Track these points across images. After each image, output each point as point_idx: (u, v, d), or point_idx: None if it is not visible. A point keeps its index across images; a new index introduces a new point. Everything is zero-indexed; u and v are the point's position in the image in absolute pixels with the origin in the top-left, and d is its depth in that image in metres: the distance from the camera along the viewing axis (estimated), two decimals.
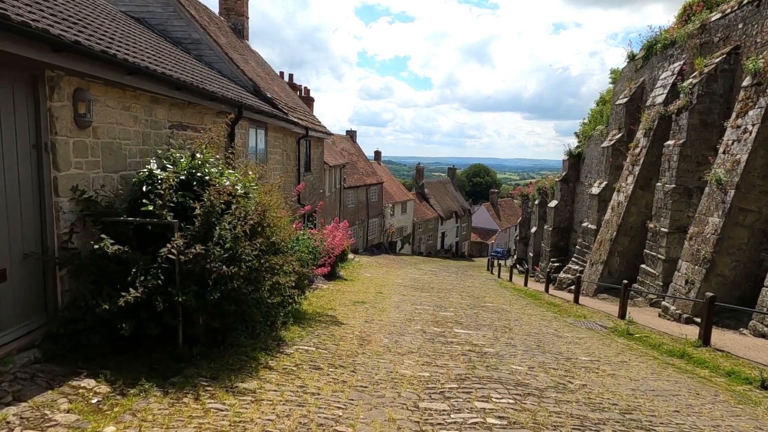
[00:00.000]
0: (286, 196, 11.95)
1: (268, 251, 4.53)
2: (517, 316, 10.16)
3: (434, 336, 6.68)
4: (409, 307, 9.59)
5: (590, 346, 7.22)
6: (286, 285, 5.12)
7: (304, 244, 6.48)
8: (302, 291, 6.47)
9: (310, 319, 6.67)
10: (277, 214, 4.89)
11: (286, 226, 5.73)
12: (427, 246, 45.13)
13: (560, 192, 23.47)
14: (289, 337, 5.30)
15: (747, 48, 10.96)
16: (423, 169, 49.80)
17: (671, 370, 6.12)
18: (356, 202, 32.21)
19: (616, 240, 14.93)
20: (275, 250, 4.84)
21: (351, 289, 12.44)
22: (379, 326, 6.90)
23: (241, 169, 5.35)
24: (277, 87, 13.69)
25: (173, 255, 3.51)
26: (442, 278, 20.02)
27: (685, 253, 10.56)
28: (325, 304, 8.64)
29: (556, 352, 6.49)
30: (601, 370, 5.66)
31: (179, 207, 3.94)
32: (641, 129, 14.91)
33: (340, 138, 35.40)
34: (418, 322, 7.80)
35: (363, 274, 17.43)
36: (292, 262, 5.12)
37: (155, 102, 5.58)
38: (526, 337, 7.38)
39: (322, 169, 17.63)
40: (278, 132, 10.68)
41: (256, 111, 8.35)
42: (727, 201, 9.60)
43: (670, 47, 14.73)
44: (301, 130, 12.21)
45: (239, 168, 5.42)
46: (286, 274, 4.87)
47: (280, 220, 5.38)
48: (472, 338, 6.80)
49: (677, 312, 10.29)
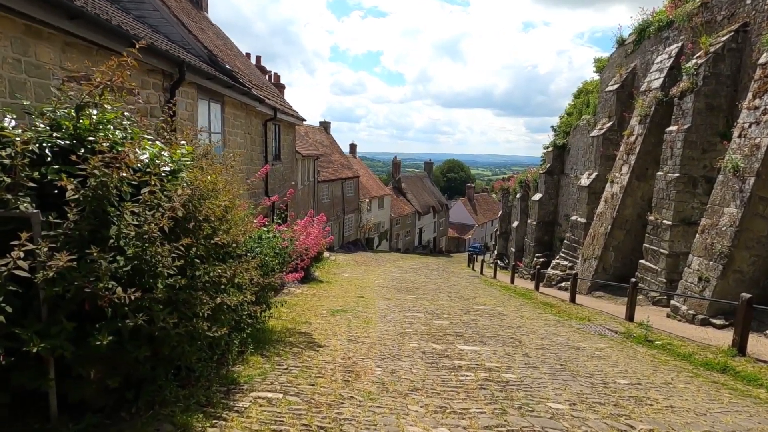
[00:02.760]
0: (250, 187, 10.34)
1: (208, 257, 3.04)
2: (518, 321, 8.97)
3: (436, 357, 5.33)
4: (398, 315, 8.22)
5: (617, 362, 6.06)
6: (244, 303, 3.62)
7: (268, 244, 4.97)
8: (267, 306, 4.97)
9: (277, 341, 5.17)
10: (226, 203, 3.38)
11: (244, 221, 4.22)
12: (404, 242, 43.95)
13: (544, 185, 22.63)
14: (246, 375, 3.79)
15: (758, 24, 10.11)
16: (400, 163, 48.48)
17: (726, 392, 5.02)
18: (331, 197, 30.55)
19: (610, 234, 14.05)
20: (222, 255, 3.34)
21: (328, 293, 10.96)
22: (367, 347, 5.48)
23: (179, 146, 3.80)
24: (241, 64, 11.96)
25: (23, 271, 1.99)
26: (424, 277, 18.78)
27: (697, 247, 9.64)
28: (298, 316, 7.14)
29: (586, 373, 5.27)
30: (653, 400, 4.46)
31: (53, 190, 2.40)
32: (636, 116, 14.05)
33: (313, 129, 33.57)
34: (413, 336, 6.43)
35: (340, 275, 15.95)
36: (250, 271, 3.63)
37: (35, 36, 3.89)
38: (543, 353, 6.15)
39: (293, 159, 15.95)
40: (239, 110, 9.00)
41: (206, 76, 6.67)
42: (746, 190, 8.68)
43: (665, 29, 13.89)
44: (268, 111, 10.57)
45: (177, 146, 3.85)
46: (240, 290, 3.38)
47: (235, 214, 3.88)
48: (482, 358, 5.48)
49: (690, 312, 9.36)
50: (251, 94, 8.57)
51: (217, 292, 3.02)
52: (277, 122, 12.24)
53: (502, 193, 32.16)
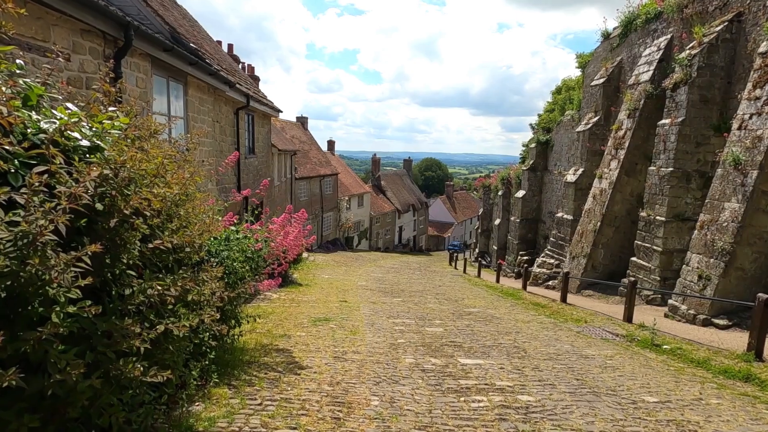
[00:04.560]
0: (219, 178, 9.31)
1: (147, 267, 2.17)
2: (514, 325, 8.35)
3: (438, 376, 4.57)
4: (387, 323, 7.44)
5: (634, 373, 5.47)
6: (203, 326, 2.75)
7: (238, 246, 4.09)
8: (236, 322, 4.09)
9: (250, 362, 4.29)
10: (177, 192, 2.51)
11: (207, 218, 3.35)
12: (384, 241, 43.21)
13: (528, 181, 22.32)
14: (207, 419, 2.90)
15: (753, 14, 9.81)
16: (379, 160, 47.64)
17: (763, 408, 4.47)
18: (309, 195, 29.47)
19: (600, 231, 13.68)
20: (170, 263, 2.47)
21: (308, 297, 10.08)
22: (357, 365, 4.67)
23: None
24: (211, 48, 10.88)
25: None
26: (407, 277, 18.07)
27: (696, 244, 9.26)
28: (275, 328, 6.26)
29: (608, 389, 4.64)
30: (694, 423, 3.85)
31: None
32: (624, 110, 13.72)
33: (290, 124, 32.36)
34: (407, 349, 5.66)
35: (320, 276, 15.04)
36: (210, 283, 2.77)
37: None
38: (552, 364, 5.50)
39: (269, 153, 14.91)
40: (206, 94, 7.96)
41: (162, 47, 5.60)
42: (748, 184, 8.31)
43: (653, 21, 13.60)
44: (240, 98, 9.55)
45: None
46: (197, 309, 2.51)
47: (195, 208, 3.01)
48: (489, 375, 4.76)
49: (690, 312, 8.96)
50: (219, 75, 7.53)
51: (160, 316, 2.16)
52: (250, 111, 11.22)
53: (484, 191, 31.84)
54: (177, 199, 2.57)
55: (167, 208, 2.41)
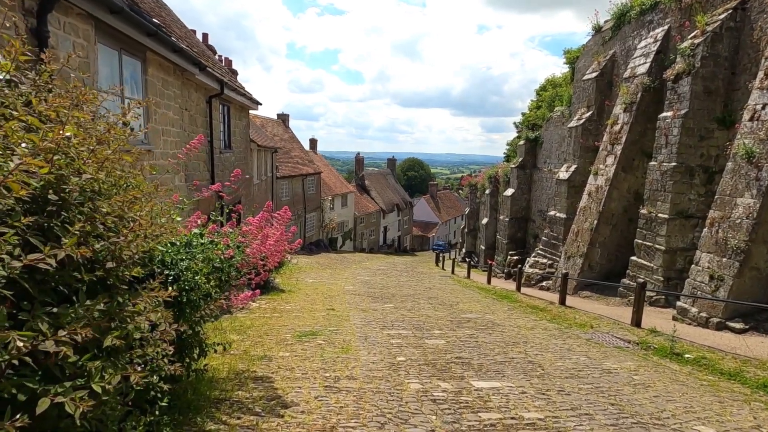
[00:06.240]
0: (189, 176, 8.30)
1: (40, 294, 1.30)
2: (518, 333, 7.64)
3: (454, 408, 3.77)
4: (381, 335, 6.60)
5: (669, 391, 4.79)
6: (152, 367, 1.86)
7: (202, 254, 3.19)
8: (201, 350, 3.19)
9: (219, 401, 3.39)
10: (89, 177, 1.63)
11: (150, 217, 2.46)
12: (369, 241, 42.32)
13: (516, 179, 21.81)
14: None
15: (759, 1, 9.37)
16: (363, 159, 46.70)
17: None
18: (291, 194, 28.35)
19: (596, 229, 13.16)
20: (81, 286, 1.59)
21: (291, 305, 9.16)
22: (355, 399, 3.81)
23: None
24: (181, 32, 9.82)
25: None
26: (395, 279, 17.26)
27: (706, 242, 8.73)
28: (253, 347, 5.34)
29: (652, 418, 3.93)
30: None
31: None
32: (620, 104, 13.24)
33: (271, 122, 31.15)
34: (409, 370, 4.84)
35: (304, 281, 14.09)
36: (147, 314, 1.89)
37: None
38: (577, 384, 4.77)
39: (248, 150, 13.86)
40: (172, 76, 6.90)
41: (109, 7, 4.58)
42: (764, 177, 7.81)
43: (648, 12, 13.16)
44: (213, 84, 8.54)
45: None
46: (121, 355, 1.63)
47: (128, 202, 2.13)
48: (513, 405, 3.98)
49: (702, 315, 8.42)
50: (186, 53, 6.45)
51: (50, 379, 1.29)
52: (225, 102, 10.18)
53: (470, 189, 31.31)
54: (94, 187, 1.68)
55: (72, 199, 1.52)
